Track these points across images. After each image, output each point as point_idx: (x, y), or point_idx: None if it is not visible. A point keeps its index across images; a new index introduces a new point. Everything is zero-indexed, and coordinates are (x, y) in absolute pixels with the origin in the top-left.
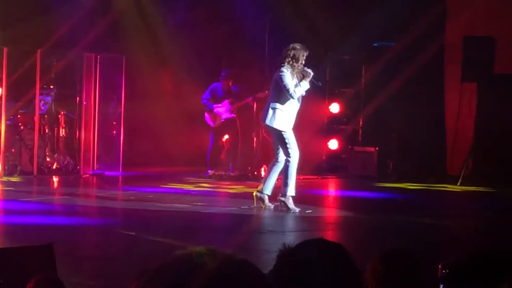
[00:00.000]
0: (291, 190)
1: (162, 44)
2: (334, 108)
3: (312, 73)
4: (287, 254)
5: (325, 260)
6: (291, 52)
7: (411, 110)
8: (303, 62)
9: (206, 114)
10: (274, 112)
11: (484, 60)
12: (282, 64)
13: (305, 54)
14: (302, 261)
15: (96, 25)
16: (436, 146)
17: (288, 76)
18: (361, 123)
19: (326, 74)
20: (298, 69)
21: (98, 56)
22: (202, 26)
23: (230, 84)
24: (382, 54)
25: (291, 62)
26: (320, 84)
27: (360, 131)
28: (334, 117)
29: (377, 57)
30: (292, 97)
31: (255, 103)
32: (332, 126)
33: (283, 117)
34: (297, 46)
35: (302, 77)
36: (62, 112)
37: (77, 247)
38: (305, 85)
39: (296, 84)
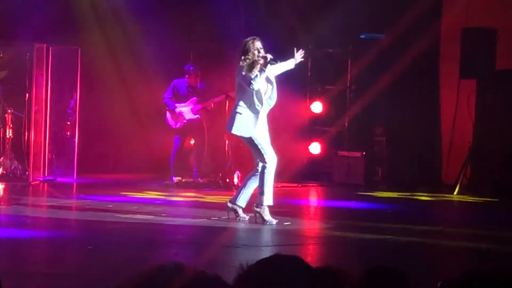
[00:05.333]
0: (267, 200)
1: (123, 35)
2: (316, 107)
3: (269, 56)
4: (244, 277)
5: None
6: (242, 49)
7: (403, 111)
8: (260, 50)
9: (167, 115)
10: (234, 117)
11: (485, 55)
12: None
13: (256, 42)
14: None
15: (48, 13)
16: (431, 151)
17: (244, 70)
18: (346, 124)
19: (308, 69)
20: (252, 59)
21: (50, 48)
22: (167, 14)
23: (198, 81)
24: (371, 47)
25: (243, 57)
26: (279, 62)
27: (346, 133)
28: (316, 118)
29: (365, 51)
30: (253, 89)
31: (227, 102)
32: (314, 128)
33: (243, 121)
34: (247, 39)
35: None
36: (9, 111)
37: (24, 263)
38: (263, 73)
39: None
